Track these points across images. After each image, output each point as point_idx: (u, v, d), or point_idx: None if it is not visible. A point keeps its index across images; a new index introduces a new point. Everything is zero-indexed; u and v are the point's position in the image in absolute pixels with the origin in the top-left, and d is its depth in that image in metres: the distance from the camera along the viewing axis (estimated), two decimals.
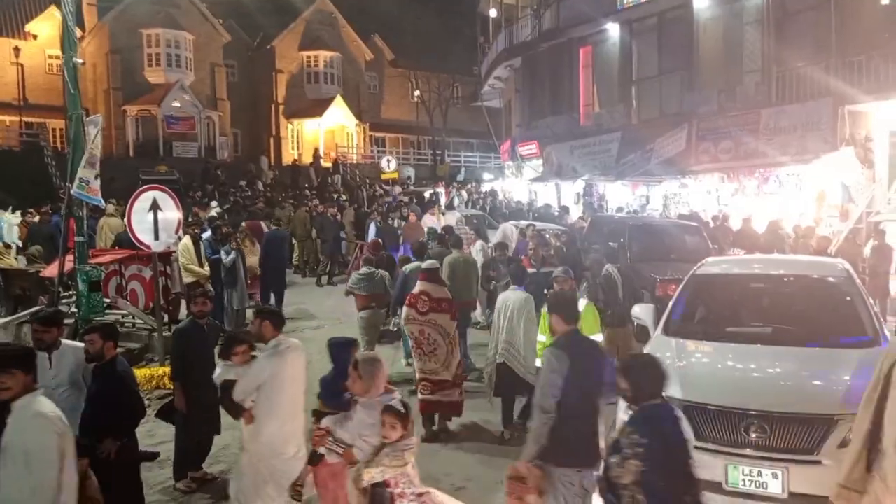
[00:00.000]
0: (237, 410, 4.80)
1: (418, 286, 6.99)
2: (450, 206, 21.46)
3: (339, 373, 4.29)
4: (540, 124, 25.24)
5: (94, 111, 33.48)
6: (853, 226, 12.93)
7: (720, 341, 5.40)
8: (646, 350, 5.22)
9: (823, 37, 15.69)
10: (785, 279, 6.31)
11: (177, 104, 33.82)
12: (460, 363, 7.03)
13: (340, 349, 4.55)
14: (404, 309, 7.02)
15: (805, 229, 12.48)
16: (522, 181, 26.54)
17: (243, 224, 13.87)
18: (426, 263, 7.48)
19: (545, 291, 6.96)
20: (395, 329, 10.04)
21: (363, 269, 8.93)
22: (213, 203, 19.36)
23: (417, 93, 42.71)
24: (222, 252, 10.44)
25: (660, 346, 5.41)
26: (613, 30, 21.47)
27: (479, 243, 12.45)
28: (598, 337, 6.06)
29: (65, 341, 5.26)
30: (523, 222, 15.16)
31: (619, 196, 21.23)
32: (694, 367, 5.20)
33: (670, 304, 6.13)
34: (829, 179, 14.11)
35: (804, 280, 6.18)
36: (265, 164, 33.77)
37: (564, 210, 19.91)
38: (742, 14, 17.93)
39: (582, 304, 6.03)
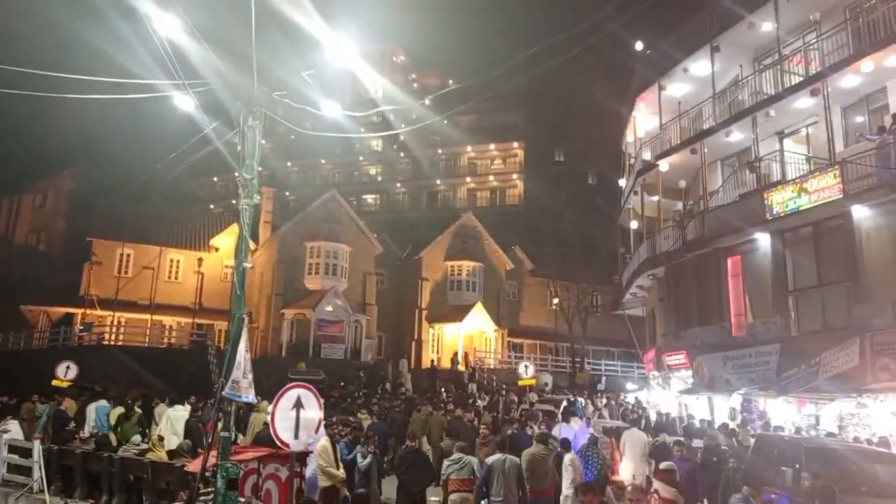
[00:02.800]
0: None
1: (655, 484, 8.00)
2: (600, 415, 20.34)
3: None
4: (687, 334, 24.06)
5: (257, 314, 36.74)
6: None
7: None
8: None
9: None
10: None
11: (329, 308, 36.20)
12: None
13: None
14: None
15: None
16: (670, 393, 24.85)
17: (333, 419, 13.78)
18: (663, 465, 8.26)
19: None
20: None
21: (455, 455, 9.57)
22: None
23: (556, 301, 43.02)
24: (358, 455, 10.24)
25: None
26: (764, 239, 20.78)
27: (567, 457, 10.34)
28: None
29: None
30: (671, 438, 13.87)
31: (783, 414, 19.08)
32: None
33: None
34: None
35: None
36: (405, 366, 34.42)
37: (724, 428, 18.05)
38: None
39: None
